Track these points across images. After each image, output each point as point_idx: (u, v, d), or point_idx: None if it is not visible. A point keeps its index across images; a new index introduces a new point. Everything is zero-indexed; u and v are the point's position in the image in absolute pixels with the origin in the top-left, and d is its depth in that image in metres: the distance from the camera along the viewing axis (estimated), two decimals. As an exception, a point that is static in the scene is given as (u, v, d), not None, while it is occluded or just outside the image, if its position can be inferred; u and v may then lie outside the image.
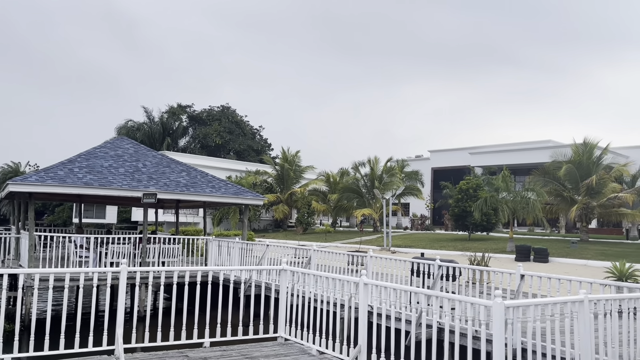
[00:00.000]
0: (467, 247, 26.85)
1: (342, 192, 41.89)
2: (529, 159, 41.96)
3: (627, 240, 32.72)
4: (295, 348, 7.71)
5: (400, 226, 46.50)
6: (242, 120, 64.12)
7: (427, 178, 51.41)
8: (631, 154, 41.20)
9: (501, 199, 28.82)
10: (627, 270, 13.90)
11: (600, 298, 6.29)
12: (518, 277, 8.63)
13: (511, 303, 5.39)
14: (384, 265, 11.65)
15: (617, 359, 6.34)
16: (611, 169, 32.27)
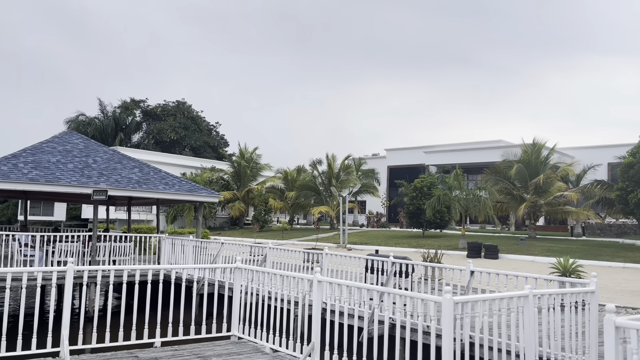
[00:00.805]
0: (421, 244, 27.37)
1: (299, 190, 41.91)
2: (481, 158, 43.16)
3: (571, 237, 34.15)
4: (249, 346, 7.67)
5: (357, 223, 46.93)
6: (198, 115, 63.13)
7: (383, 176, 52.10)
8: (576, 154, 43.01)
9: (454, 197, 29.53)
10: (571, 265, 14.50)
11: (544, 293, 6.53)
12: (468, 274, 8.86)
13: (460, 299, 5.52)
14: (339, 263, 11.73)
15: (559, 351, 6.61)
16: (558, 169, 33.60)
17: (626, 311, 12.19)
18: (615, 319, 4.04)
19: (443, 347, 5.18)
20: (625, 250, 25.23)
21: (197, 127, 61.46)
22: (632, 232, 32.71)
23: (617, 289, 15.83)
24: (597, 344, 6.94)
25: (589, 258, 22.22)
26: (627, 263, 21.66)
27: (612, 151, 36.00)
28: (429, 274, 11.68)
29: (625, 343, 4.19)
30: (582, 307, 7.05)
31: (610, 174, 40.18)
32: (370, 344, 6.28)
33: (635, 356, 4.00)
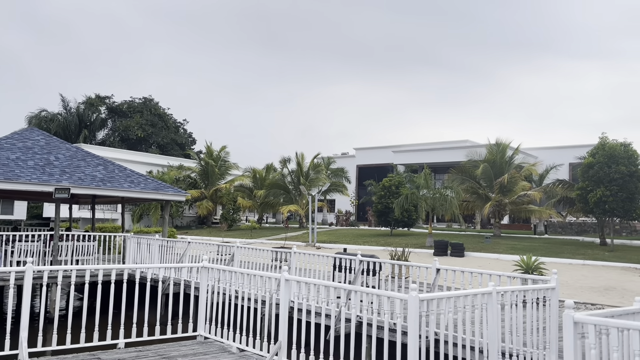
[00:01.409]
0: (389, 243, 27.64)
1: (268, 188, 41.73)
2: (448, 158, 43.81)
3: (534, 235, 35.04)
4: (215, 346, 7.59)
5: (326, 222, 47.06)
6: (165, 113, 62.15)
7: (352, 175, 52.35)
8: (540, 154, 44.14)
9: (421, 196, 29.90)
10: (533, 263, 14.88)
11: (507, 290, 6.67)
12: (434, 271, 8.98)
13: (426, 296, 5.59)
14: (307, 261, 11.73)
15: (521, 347, 6.76)
16: (522, 169, 34.39)
17: (585, 307, 12.57)
18: (574, 315, 4.15)
19: (409, 344, 5.23)
20: (585, 248, 26.03)
21: (164, 125, 60.52)
22: (592, 230, 33.76)
23: (577, 285, 16.31)
24: (558, 339, 7.12)
25: (550, 255, 22.85)
26: (586, 260, 22.35)
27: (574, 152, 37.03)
28: (396, 272, 11.81)
29: (584, 338, 4.31)
30: (544, 303, 7.24)
31: (572, 173, 41.37)
32: (337, 342, 6.29)
33: (593, 350, 4.12)
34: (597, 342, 4.15)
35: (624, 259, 22.08)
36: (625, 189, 24.82)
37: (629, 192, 24.90)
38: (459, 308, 6.10)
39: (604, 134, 26.94)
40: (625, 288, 15.75)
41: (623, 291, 15.22)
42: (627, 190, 24.85)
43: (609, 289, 15.76)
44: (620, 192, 24.81)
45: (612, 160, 25.11)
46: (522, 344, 6.84)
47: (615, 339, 4.11)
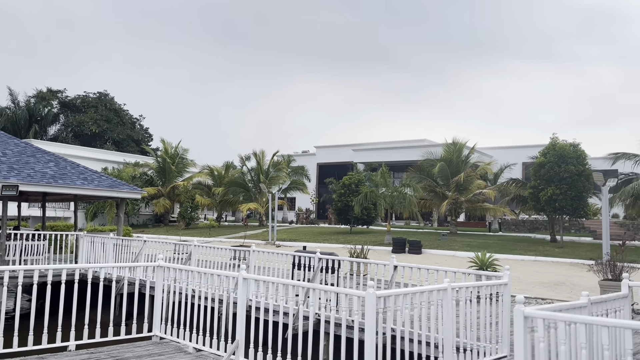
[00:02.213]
0: (349, 240, 27.83)
1: (227, 186, 41.29)
2: (406, 157, 44.46)
3: (489, 232, 36.02)
4: (171, 347, 7.45)
5: (286, 220, 46.97)
6: (121, 108, 60.53)
7: (312, 173, 52.43)
8: (495, 153, 45.36)
9: (380, 194, 30.25)
10: (488, 259, 15.26)
11: (461, 286, 6.81)
12: (391, 268, 9.09)
13: (383, 293, 5.65)
14: (266, 259, 11.66)
15: (475, 341, 6.92)
16: (477, 167, 35.27)
17: (536, 302, 12.99)
18: (524, 309, 4.27)
19: (366, 341, 5.28)
20: (537, 245, 26.95)
21: (119, 120, 58.96)
22: (543, 228, 34.98)
23: (529, 280, 16.85)
24: (510, 333, 7.33)
25: (504, 252, 23.53)
26: (538, 256, 23.13)
27: (527, 151, 38.28)
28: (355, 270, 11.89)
29: (533, 332, 4.44)
30: (496, 298, 7.44)
31: (524, 172, 42.71)
32: (296, 340, 6.28)
33: (542, 344, 4.25)
34: (545, 335, 4.28)
35: (572, 255, 22.95)
36: (574, 188, 25.81)
37: (577, 191, 25.91)
38: (415, 304, 6.19)
39: (555, 134, 27.98)
40: (574, 283, 16.38)
41: (572, 286, 15.82)
42: (576, 188, 25.85)
43: (559, 284, 16.35)
44: (569, 190, 25.78)
45: (562, 160, 26.06)
46: (476, 338, 7.01)
47: (563, 333, 4.25)
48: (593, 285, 13.70)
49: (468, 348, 6.82)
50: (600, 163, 30.13)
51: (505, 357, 7.15)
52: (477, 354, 6.91)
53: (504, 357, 7.15)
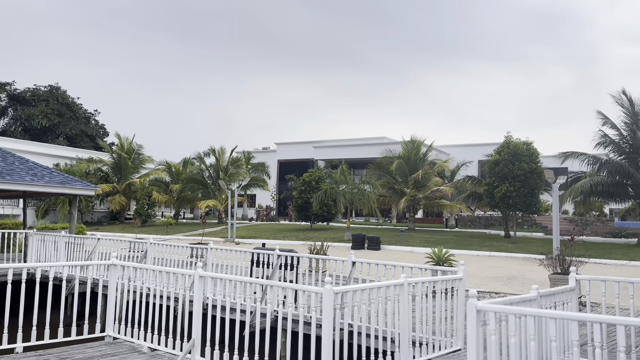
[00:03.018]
0: (309, 237, 27.84)
1: (185, 183, 40.60)
2: (366, 154, 44.86)
3: (446, 228, 36.76)
4: (125, 347, 7.27)
5: (246, 217, 46.60)
6: (74, 102, 58.55)
7: (273, 170, 52.20)
8: (451, 151, 46.32)
9: (340, 191, 30.41)
10: (444, 255, 15.58)
11: (417, 281, 6.92)
12: (350, 265, 9.15)
13: (340, 289, 5.67)
14: (225, 257, 11.54)
15: (430, 335, 7.05)
16: (435, 165, 35.93)
17: (490, 296, 13.35)
18: (477, 303, 4.36)
19: (323, 336, 5.29)
20: (491, 240, 27.70)
21: (72, 115, 57.03)
22: (497, 224, 35.97)
23: (484, 275, 17.30)
24: (464, 326, 7.50)
25: (460, 248, 24.08)
26: (492, 252, 23.78)
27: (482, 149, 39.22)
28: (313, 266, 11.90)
29: (485, 325, 4.54)
30: (452, 293, 7.59)
31: (480, 170, 43.82)
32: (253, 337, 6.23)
33: (493, 336, 4.35)
34: (497, 328, 4.38)
35: (525, 250, 23.71)
36: (527, 185, 26.66)
37: (530, 188, 26.77)
38: (372, 300, 6.25)
39: (509, 133, 28.78)
40: (526, 277, 16.91)
41: (524, 280, 16.34)
42: (529, 185, 26.70)
43: (512, 278, 16.86)
44: (522, 187, 26.61)
45: (516, 157, 26.86)
46: (431, 332, 7.14)
47: (513, 325, 4.37)
48: (544, 279, 14.17)
49: (424, 342, 6.94)
50: (551, 161, 31.24)
51: (459, 350, 7.31)
52: (432, 347, 7.04)
53: (458, 351, 7.31)
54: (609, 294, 6.71)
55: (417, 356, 6.72)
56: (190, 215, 49.02)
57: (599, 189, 26.20)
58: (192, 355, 6.46)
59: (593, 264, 18.97)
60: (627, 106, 26.29)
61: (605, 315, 4.51)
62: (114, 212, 42.30)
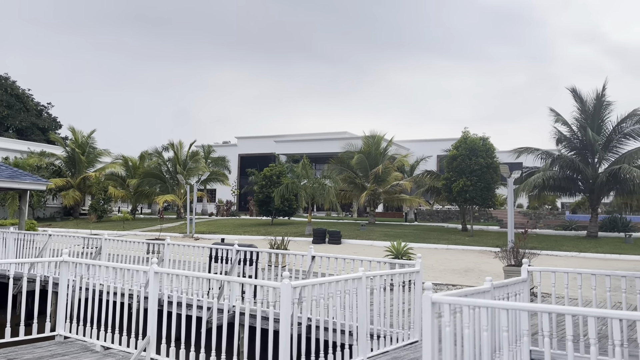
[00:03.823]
0: (270, 232, 27.74)
1: (143, 177, 39.68)
2: (327, 149, 44.96)
3: (405, 222, 37.30)
4: (77, 346, 7.04)
5: (206, 212, 46.00)
6: (24, 94, 56.27)
7: (234, 164, 51.68)
8: (411, 146, 46.97)
9: (301, 185, 30.38)
10: (403, 248, 15.80)
11: (375, 274, 6.97)
12: (309, 259, 9.14)
13: (298, 283, 5.65)
14: (182, 253, 11.33)
15: (388, 327, 7.12)
16: (395, 160, 36.35)
17: (447, 288, 13.62)
18: (432, 296, 4.41)
19: (281, 331, 5.26)
20: (449, 234, 28.28)
21: (23, 107, 54.82)
22: (455, 218, 36.75)
23: (441, 268, 17.65)
24: (421, 319, 7.61)
25: (419, 241, 24.48)
26: (450, 245, 24.28)
27: (441, 145, 39.97)
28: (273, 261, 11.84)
29: (440, 317, 4.61)
30: (409, 286, 7.69)
31: (439, 165, 44.64)
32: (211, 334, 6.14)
33: (447, 328, 4.42)
34: (451, 320, 4.45)
35: (481, 243, 24.31)
36: (484, 179, 27.31)
37: (486, 182, 27.44)
38: (331, 293, 6.26)
39: (466, 128, 29.41)
40: (482, 269, 17.35)
41: (480, 272, 16.75)
42: (485, 180, 27.36)
43: (468, 270, 17.26)
44: (479, 182, 27.25)
45: (473, 153, 27.46)
46: (389, 325, 7.21)
47: (467, 317, 4.45)
48: (499, 271, 14.56)
49: (381, 335, 7.00)
50: (507, 156, 32.11)
51: (417, 342, 7.41)
52: (390, 340, 7.11)
53: (415, 342, 7.42)
54: (558, 285, 6.93)
55: (374, 349, 6.78)
56: (148, 210, 47.99)
57: (551, 184, 27.09)
58: (147, 353, 6.31)
59: (545, 256, 19.63)
60: (578, 103, 27.24)
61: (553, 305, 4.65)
62: (67, 207, 40.96)
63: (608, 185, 26.42)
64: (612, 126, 26.76)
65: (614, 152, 27.10)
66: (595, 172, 26.85)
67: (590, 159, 27.17)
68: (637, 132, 26.09)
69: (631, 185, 25.14)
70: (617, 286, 6.75)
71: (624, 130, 26.46)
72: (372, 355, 6.66)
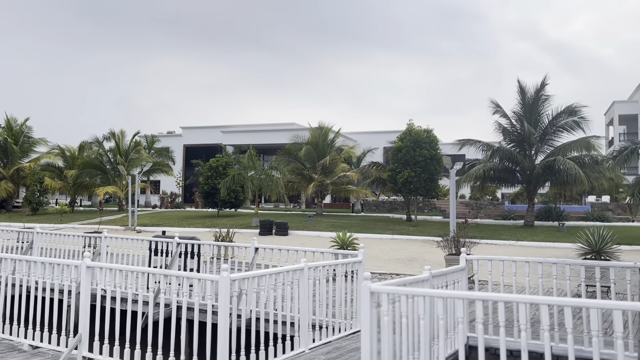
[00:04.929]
0: (216, 224, 27.30)
1: (82, 168, 38.07)
2: (275, 140, 44.69)
3: (352, 213, 37.67)
4: (2, 345, 6.65)
5: (150, 204, 44.79)
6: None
7: (179, 155, 50.52)
8: (358, 138, 47.41)
9: (248, 176, 30.06)
10: (348, 239, 15.91)
11: (317, 265, 6.94)
12: (252, 251, 9.02)
13: (237, 276, 5.53)
14: (121, 246, 10.94)
15: (330, 318, 7.12)
16: (342, 151, 36.58)
17: (391, 277, 13.81)
18: (370, 285, 4.41)
19: (219, 324, 5.13)
20: (394, 224, 28.77)
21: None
22: (400, 208, 37.43)
23: (386, 258, 17.91)
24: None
25: (365, 232, 24.77)
26: (394, 235, 24.69)
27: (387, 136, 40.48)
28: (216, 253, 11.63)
29: (379, 307, 4.62)
30: (352, 276, 7.72)
31: (385, 156, 45.27)
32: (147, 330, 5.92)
33: (386, 317, 4.43)
34: (390, 309, 4.46)
35: (424, 233, 24.87)
36: (427, 171, 27.92)
37: (430, 173, 28.06)
38: (271, 285, 6.18)
39: (411, 120, 29.94)
40: (425, 258, 17.73)
41: (423, 261, 17.11)
42: (429, 171, 27.98)
43: (412, 259, 17.60)
44: (423, 173, 27.83)
45: (417, 144, 28.00)
46: (332, 315, 7.22)
47: (405, 306, 4.48)
48: (441, 259, 14.92)
49: (324, 325, 7.00)
50: (450, 148, 32.95)
51: (359, 331, 7.44)
52: (332, 330, 7.12)
53: (358, 332, 7.46)
54: (495, 272, 7.14)
55: (317, 339, 6.76)
56: (88, 202, 46.22)
57: (492, 175, 28.02)
58: (79, 351, 6.03)
59: (485, 245, 20.30)
60: (520, 97, 28.23)
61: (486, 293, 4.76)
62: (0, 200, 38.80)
63: (544, 176, 27.61)
64: (548, 120, 27.94)
65: (549, 144, 28.32)
66: (532, 163, 27.99)
67: (528, 151, 28.28)
68: (570, 125, 27.36)
69: (565, 176, 26.35)
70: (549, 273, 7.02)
71: (558, 124, 27.68)
72: (314, 346, 6.64)
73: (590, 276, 8.50)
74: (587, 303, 3.81)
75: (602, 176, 26.38)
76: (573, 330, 3.82)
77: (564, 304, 3.80)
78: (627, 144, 25.68)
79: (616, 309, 3.58)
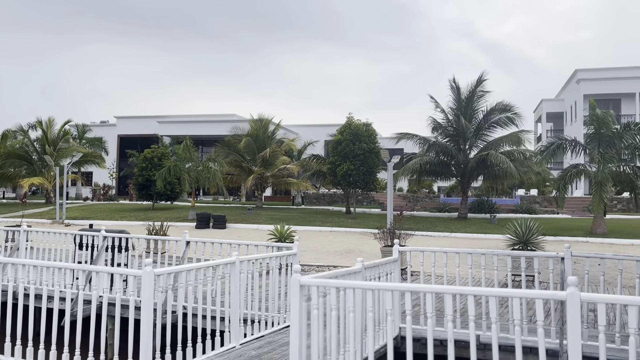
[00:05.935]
0: (150, 217, 26.44)
1: (5, 158, 35.80)
2: (214, 131, 43.82)
3: (293, 206, 37.58)
4: None
5: (81, 197, 42.83)
6: None
7: (112, 145, 48.58)
8: (299, 131, 47.31)
9: (185, 168, 29.28)
10: (286, 231, 15.80)
11: (250, 258, 6.76)
12: (184, 244, 8.70)
13: (162, 270, 5.27)
14: (43, 240, 10.29)
15: (263, 312, 6.97)
16: (282, 143, 36.35)
17: (328, 269, 13.81)
18: (300, 278, 4.30)
19: (142, 320, 4.87)
20: (334, 217, 28.93)
21: None
22: (340, 201, 37.71)
23: (324, 250, 17.94)
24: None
25: (304, 224, 24.75)
26: (334, 227, 24.82)
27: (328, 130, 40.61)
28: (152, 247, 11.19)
29: (310, 300, 4.52)
30: (286, 269, 7.59)
31: (326, 149, 45.43)
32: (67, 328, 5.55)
33: (315, 311, 4.34)
34: (320, 302, 4.37)
35: (363, 225, 25.15)
36: (366, 164, 28.23)
37: (368, 167, 28.39)
38: (200, 280, 5.95)
39: (351, 114, 30.14)
40: (362, 250, 17.90)
41: (360, 253, 17.26)
42: (367, 164, 28.29)
43: (349, 251, 17.72)
44: (362, 166, 28.11)
45: (356, 138, 28.23)
46: (264, 309, 7.07)
47: (334, 299, 4.40)
48: (378, 251, 15.08)
49: (256, 319, 6.84)
50: (388, 142, 33.47)
51: (292, 324, 7.35)
52: (265, 324, 6.97)
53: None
54: (427, 263, 7.22)
55: (249, 334, 6.60)
56: (12, 194, 43.59)
57: (428, 168, 28.70)
58: (-13, 354, 5.57)
59: (421, 236, 20.76)
60: (454, 94, 29.02)
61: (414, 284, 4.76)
62: None
63: (477, 170, 28.57)
64: (482, 115, 28.91)
65: (483, 139, 29.33)
66: (467, 157, 28.90)
67: (463, 145, 29.15)
68: (503, 121, 28.44)
69: (497, 170, 27.40)
70: (478, 263, 7.18)
71: (491, 120, 28.71)
72: (246, 341, 6.48)
73: (517, 266, 8.81)
74: (511, 293, 3.87)
75: (530, 170, 27.63)
76: (501, 319, 3.87)
77: (489, 294, 3.83)
78: (553, 140, 27.01)
79: (538, 298, 3.65)
